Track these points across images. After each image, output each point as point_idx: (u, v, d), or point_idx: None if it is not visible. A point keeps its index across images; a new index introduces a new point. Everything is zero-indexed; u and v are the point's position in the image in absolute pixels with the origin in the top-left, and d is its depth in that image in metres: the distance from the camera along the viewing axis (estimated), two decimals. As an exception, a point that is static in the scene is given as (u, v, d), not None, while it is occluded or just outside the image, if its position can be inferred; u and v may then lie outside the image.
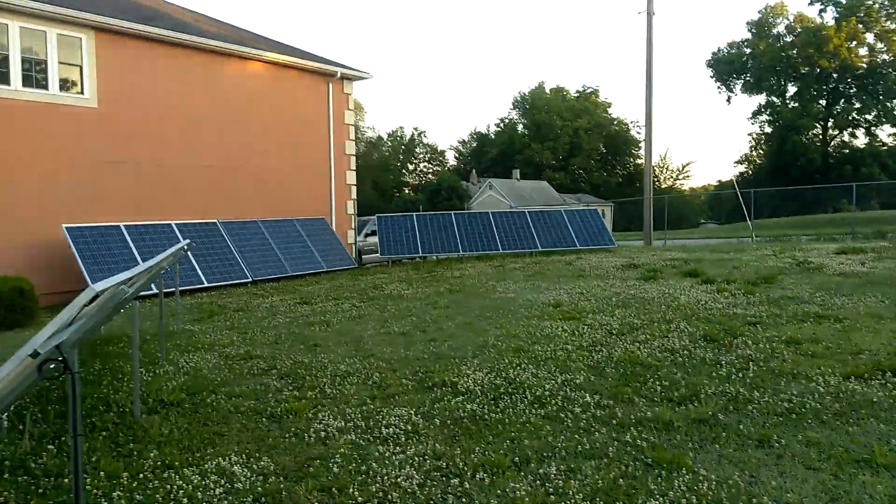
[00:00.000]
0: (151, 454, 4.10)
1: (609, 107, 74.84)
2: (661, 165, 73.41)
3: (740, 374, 5.03)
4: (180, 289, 12.88)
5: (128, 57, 13.80)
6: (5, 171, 12.11)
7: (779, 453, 3.64)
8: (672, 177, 74.04)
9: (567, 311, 8.10)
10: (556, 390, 4.93)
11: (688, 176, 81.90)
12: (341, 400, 5.10)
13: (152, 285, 10.58)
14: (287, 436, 4.35)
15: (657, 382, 4.96)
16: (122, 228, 13.14)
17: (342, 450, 4.03)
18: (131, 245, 12.91)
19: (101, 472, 3.81)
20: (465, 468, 3.67)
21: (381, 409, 4.80)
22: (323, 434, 4.33)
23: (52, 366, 3.25)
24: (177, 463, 3.93)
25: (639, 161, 71.51)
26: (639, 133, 71.79)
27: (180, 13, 17.15)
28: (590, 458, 3.73)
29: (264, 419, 4.74)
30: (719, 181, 78.36)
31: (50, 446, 4.30)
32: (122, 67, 13.73)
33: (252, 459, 3.98)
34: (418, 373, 5.70)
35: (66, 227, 12.23)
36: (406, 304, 9.68)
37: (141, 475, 3.79)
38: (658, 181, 71.00)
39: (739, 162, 67.84)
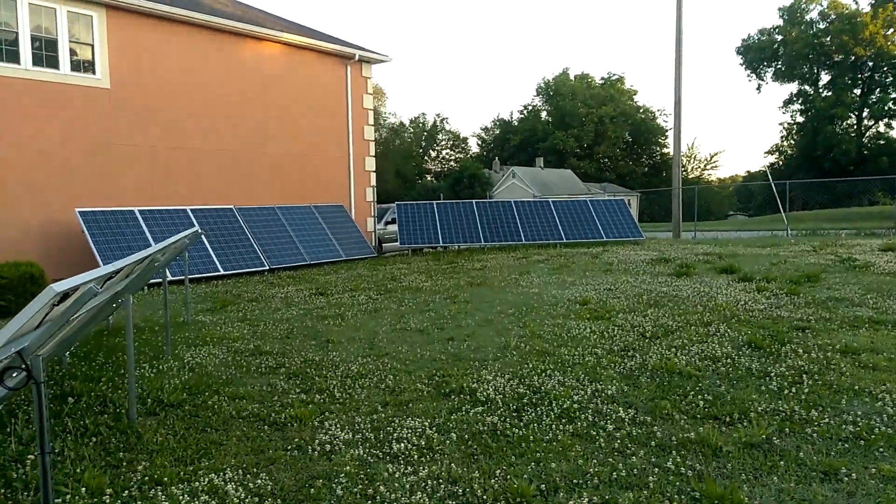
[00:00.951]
0: (141, 465, 3.74)
1: (635, 94, 73.40)
2: (689, 155, 71.94)
3: (793, 389, 4.52)
4: (197, 276, 12.65)
5: (140, 36, 13.48)
6: (16, 154, 11.89)
7: (849, 490, 3.15)
8: (700, 167, 72.54)
9: (595, 309, 7.61)
10: (585, 402, 4.47)
11: (716, 166, 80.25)
12: (351, 406, 4.69)
13: (167, 272, 10.30)
14: (289, 448, 3.96)
15: (699, 396, 4.47)
16: (136, 213, 12.88)
17: (348, 467, 3.63)
18: (145, 230, 12.66)
19: (83, 488, 3.45)
20: (485, 496, 3.24)
21: (392, 418, 4.38)
22: (328, 447, 3.93)
23: (14, 374, 2.89)
24: (166, 478, 3.55)
25: (665, 150, 70.09)
26: (665, 121, 70.36)
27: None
28: (627, 487, 3.28)
29: (266, 426, 4.36)
30: (748, 172, 76.72)
31: (37, 452, 3.95)
32: (135, 47, 13.42)
33: (249, 476, 3.59)
34: (435, 376, 5.28)
35: (79, 211, 12.00)
36: (424, 297, 9.25)
37: (126, 492, 3.43)
38: (686, 171, 69.66)
39: (770, 152, 66.04)
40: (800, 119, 59.74)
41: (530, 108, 75.49)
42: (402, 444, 3.90)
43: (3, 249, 11.39)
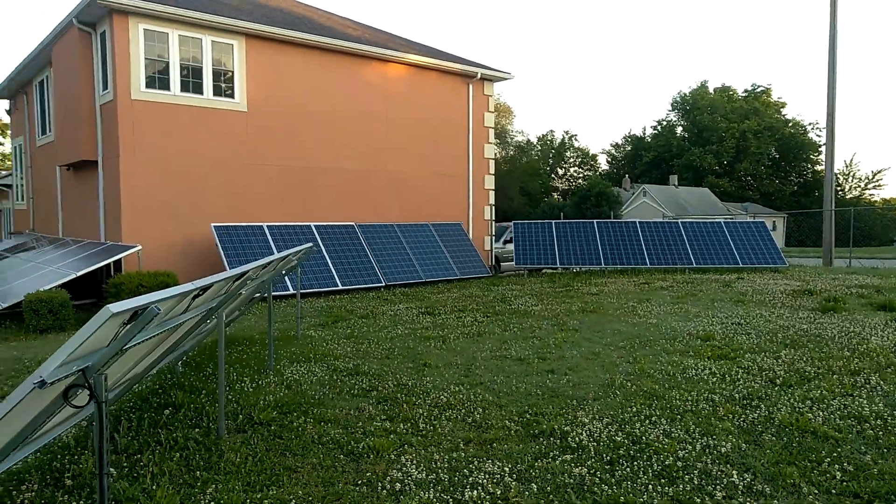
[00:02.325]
0: (212, 487, 3.71)
1: (783, 107, 67.74)
2: (846, 172, 65.04)
3: (964, 467, 3.65)
4: (317, 290, 13.10)
5: (275, 61, 14.32)
6: (167, 172, 12.98)
7: None
8: (860, 186, 65.29)
9: (719, 346, 6.82)
10: (692, 460, 3.89)
11: (880, 185, 71.88)
12: (432, 440, 4.44)
13: (271, 286, 10.69)
14: (360, 482, 3.77)
15: (836, 465, 3.74)
16: (265, 228, 13.61)
17: (414, 513, 3.37)
18: (272, 244, 13.32)
19: (154, 507, 3.46)
20: (558, 567, 2.84)
21: (472, 458, 4.07)
22: (398, 486, 3.69)
23: (78, 392, 2.93)
24: (233, 505, 3.49)
25: (818, 167, 63.95)
26: (818, 136, 64.23)
27: (325, 18, 17.64)
28: (732, 577, 2.73)
29: (343, 455, 4.21)
30: (921, 191, 68.07)
31: (125, 464, 4.08)
32: (270, 72, 14.26)
33: (312, 511, 3.43)
34: (526, 414, 4.90)
35: (214, 226, 12.87)
36: (531, 322, 8.85)
37: (193, 516, 3.40)
38: (842, 191, 63.06)
39: (948, 169, 58.03)
40: None
41: (664, 123, 72.14)
42: (476, 492, 3.58)
43: (149, 261, 12.46)
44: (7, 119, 28.31)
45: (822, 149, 58.80)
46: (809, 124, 66.36)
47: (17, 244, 17.02)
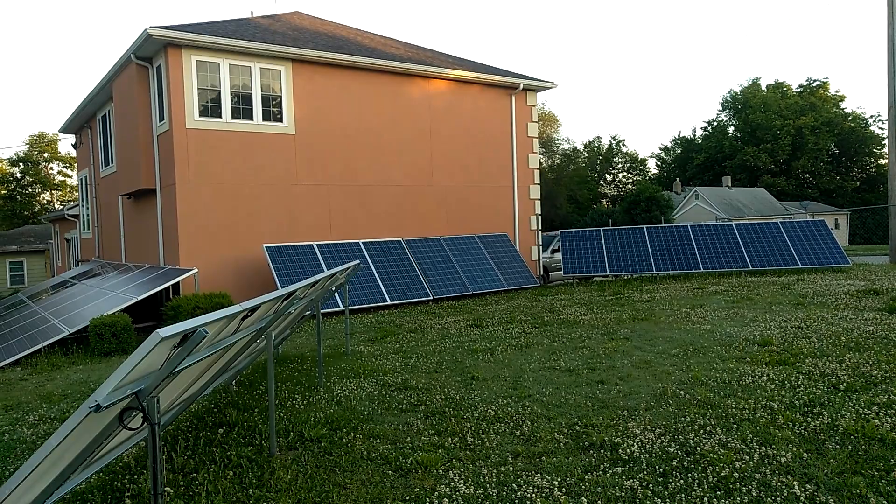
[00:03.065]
0: (264, 505, 3.79)
1: (842, 101, 65.03)
2: (914, 165, 61.84)
3: None
4: (367, 306, 13.26)
5: (321, 84, 14.67)
6: (221, 197, 13.43)
7: None
8: (929, 178, 61.94)
9: (777, 351, 6.56)
10: (750, 471, 3.75)
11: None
12: (480, 454, 4.42)
13: (323, 305, 10.85)
14: (408, 498, 3.78)
15: (906, 474, 3.54)
16: (315, 247, 13.89)
17: (462, 528, 3.35)
18: (322, 263, 13.58)
19: (209, 524, 3.55)
20: (608, 583, 2.77)
21: (521, 472, 4.03)
22: (446, 502, 3.68)
23: (133, 415, 3.04)
24: (284, 521, 3.55)
25: (882, 161, 61.07)
26: (881, 128, 61.38)
27: (368, 39, 17.97)
28: None
29: (391, 471, 4.23)
30: None
31: (181, 483, 4.21)
32: (316, 94, 14.62)
33: (361, 527, 3.46)
34: (576, 426, 4.82)
35: (266, 247, 13.21)
36: (580, 332, 8.72)
37: (246, 532, 3.47)
38: (909, 184, 59.91)
39: None
40: None
41: (715, 123, 70.31)
42: (525, 506, 3.54)
43: (206, 283, 12.88)
44: (74, 153, 29.89)
45: (885, 141, 56.19)
46: (871, 117, 63.63)
47: (84, 271, 17.87)
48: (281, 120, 14.22)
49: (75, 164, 34.83)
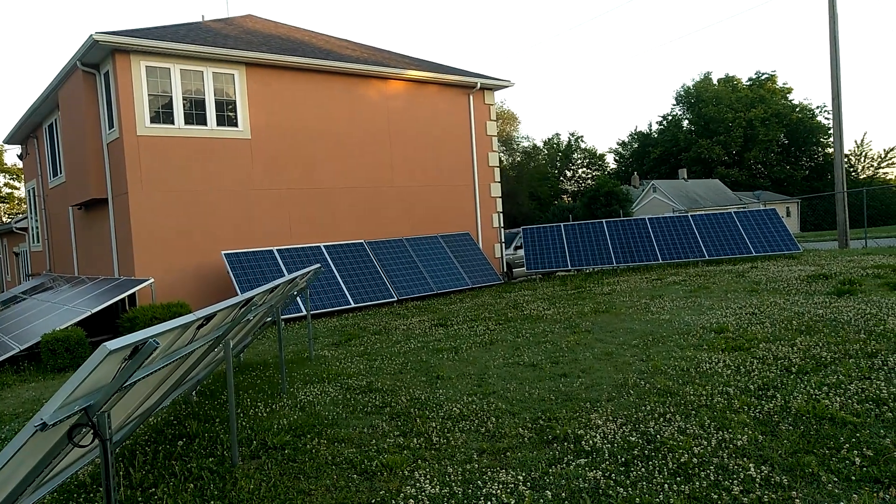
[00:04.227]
0: (228, 516, 3.72)
1: (789, 92, 67.20)
2: (858, 153, 64.35)
3: None
4: (330, 310, 13.13)
5: (276, 87, 14.47)
6: (176, 204, 13.14)
7: None
8: (872, 165, 64.48)
9: (733, 338, 6.74)
10: (708, 455, 3.83)
11: (893, 163, 70.73)
12: (446, 453, 4.42)
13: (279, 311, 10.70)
14: (373, 502, 3.76)
15: (855, 451, 3.67)
16: (275, 252, 13.69)
17: (428, 528, 3.34)
18: (283, 268, 13.40)
19: (170, 539, 3.47)
20: (572, 574, 2.80)
21: (486, 469, 4.04)
22: (412, 503, 3.67)
23: (84, 432, 2.95)
24: (247, 532, 3.49)
25: (829, 150, 63.28)
26: (827, 118, 63.56)
27: (323, 41, 17.80)
28: (750, 573, 2.67)
29: (356, 475, 4.20)
30: (936, 166, 67.03)
31: (140, 499, 4.10)
32: (271, 98, 14.41)
33: (326, 533, 3.42)
34: (539, 420, 4.86)
35: (224, 253, 12.97)
36: (543, 326, 8.80)
37: (208, 545, 3.40)
38: (854, 171, 62.32)
39: (962, 142, 57.08)
40: None
41: (670, 117, 71.83)
42: (490, 503, 3.55)
43: (163, 292, 12.58)
44: (20, 164, 28.82)
45: (831, 131, 58.15)
46: (817, 107, 65.84)
47: (35, 285, 17.27)
48: (236, 125, 13.98)
49: (22, 175, 33.62)
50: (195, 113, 13.47)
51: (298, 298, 12.68)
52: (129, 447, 5.13)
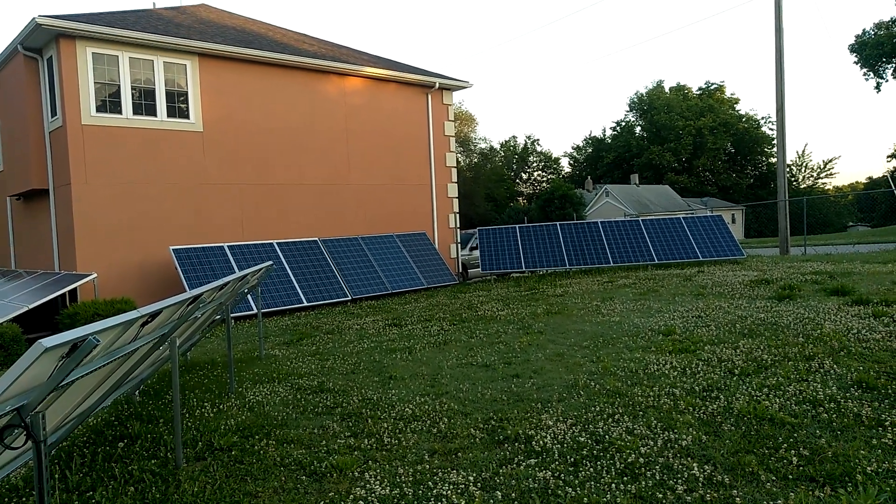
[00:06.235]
0: (170, 520, 3.60)
1: (736, 103, 69.54)
2: (800, 163, 67.04)
3: (913, 444, 3.75)
4: (282, 308, 12.91)
5: (230, 80, 14.15)
6: (122, 197, 12.70)
7: None
8: (812, 175, 67.30)
9: (679, 340, 6.91)
10: (654, 455, 3.92)
11: (831, 174, 74.05)
12: (397, 454, 4.39)
13: (229, 309, 10.49)
14: (322, 503, 3.70)
15: (793, 450, 3.81)
16: (226, 249, 13.38)
17: (377, 530, 3.31)
18: (234, 265, 13.11)
19: (108, 544, 3.34)
20: (520, 574, 2.81)
21: (437, 469, 4.03)
22: (362, 504, 3.63)
23: (16, 433, 2.81)
24: (190, 536, 3.38)
25: (773, 160, 65.75)
26: (771, 129, 66.04)
27: (280, 34, 17.51)
28: (692, 570, 2.74)
29: (305, 477, 4.13)
30: (870, 178, 70.45)
31: (76, 503, 3.93)
32: (225, 91, 14.09)
33: (273, 536, 3.35)
34: (491, 420, 4.88)
35: (173, 249, 12.61)
36: (497, 327, 8.86)
37: (148, 550, 3.28)
38: (796, 181, 64.91)
39: (893, 156, 60.15)
40: (929, 118, 54.16)
41: (623, 123, 73.42)
42: (441, 503, 3.54)
43: (107, 288, 12.14)
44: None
45: (775, 141, 60.29)
46: (762, 118, 68.29)
47: (-32, 279, 16.42)
48: (188, 116, 13.60)
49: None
50: (145, 103, 13.05)
51: (249, 296, 12.43)
52: (66, 449, 4.92)
